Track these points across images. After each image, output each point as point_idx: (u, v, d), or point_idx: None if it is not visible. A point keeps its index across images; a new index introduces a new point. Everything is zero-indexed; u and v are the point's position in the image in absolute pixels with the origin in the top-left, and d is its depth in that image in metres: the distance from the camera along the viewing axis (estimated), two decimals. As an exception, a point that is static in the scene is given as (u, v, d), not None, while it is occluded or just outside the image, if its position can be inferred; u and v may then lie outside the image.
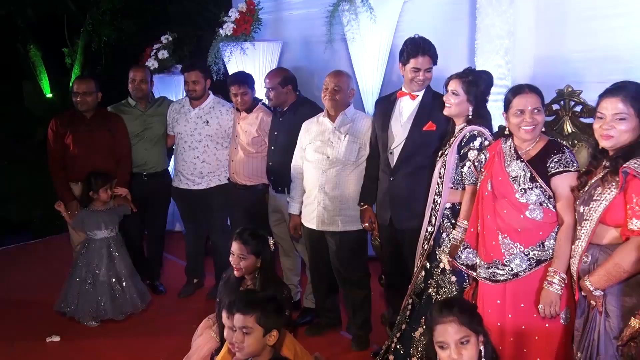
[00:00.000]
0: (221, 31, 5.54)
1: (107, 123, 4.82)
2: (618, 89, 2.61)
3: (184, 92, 5.08)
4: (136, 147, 4.94)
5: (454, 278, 3.31)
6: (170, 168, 5.43)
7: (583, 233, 2.65)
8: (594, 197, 2.62)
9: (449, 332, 2.28)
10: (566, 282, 2.80)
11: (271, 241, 3.42)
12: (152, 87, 5.32)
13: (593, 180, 2.67)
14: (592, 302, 2.63)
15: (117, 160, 4.81)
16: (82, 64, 10.70)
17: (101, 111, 4.87)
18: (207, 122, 4.82)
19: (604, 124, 2.61)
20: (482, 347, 2.29)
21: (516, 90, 2.98)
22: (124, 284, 4.65)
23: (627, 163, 2.52)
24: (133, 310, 4.68)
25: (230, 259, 3.36)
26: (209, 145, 4.82)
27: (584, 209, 2.66)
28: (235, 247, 3.32)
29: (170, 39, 6.25)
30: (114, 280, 4.62)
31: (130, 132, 4.90)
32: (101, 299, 4.57)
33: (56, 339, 4.36)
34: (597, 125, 2.65)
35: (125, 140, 4.86)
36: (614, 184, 2.56)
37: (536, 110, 2.90)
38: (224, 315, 2.69)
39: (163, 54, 6.17)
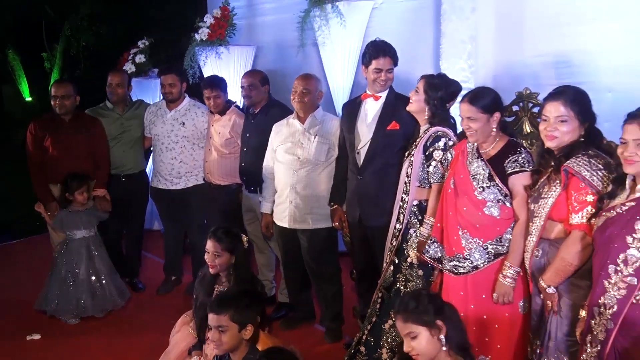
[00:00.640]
0: (197, 36, 5.55)
1: (86, 126, 4.80)
2: (559, 94, 2.70)
3: (161, 95, 5.08)
4: (114, 149, 4.93)
5: (421, 272, 3.37)
6: (148, 169, 5.42)
7: (534, 229, 2.74)
8: (542, 195, 2.72)
9: (399, 327, 2.38)
10: (521, 274, 2.88)
11: (245, 239, 3.43)
12: (130, 90, 5.30)
13: (542, 180, 2.76)
14: (547, 302, 2.70)
15: (95, 162, 4.79)
16: (61, 68, 10.59)
17: (79, 114, 4.85)
18: (183, 123, 4.83)
19: (548, 126, 2.70)
20: (442, 338, 2.32)
21: (461, 100, 3.07)
22: (103, 282, 4.63)
23: (567, 162, 2.62)
24: (112, 307, 4.68)
25: (205, 256, 3.36)
26: (185, 146, 4.83)
27: (534, 207, 2.75)
28: (209, 245, 3.33)
29: (147, 43, 6.23)
30: (93, 278, 4.61)
31: (108, 134, 4.88)
32: (81, 296, 4.54)
33: (37, 336, 4.33)
34: (542, 127, 2.74)
35: (103, 143, 4.85)
36: (558, 182, 2.65)
37: (469, 119, 2.95)
38: (210, 316, 2.71)
39: (140, 58, 6.15)
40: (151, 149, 5.11)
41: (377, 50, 3.64)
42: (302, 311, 4.45)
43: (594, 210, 2.54)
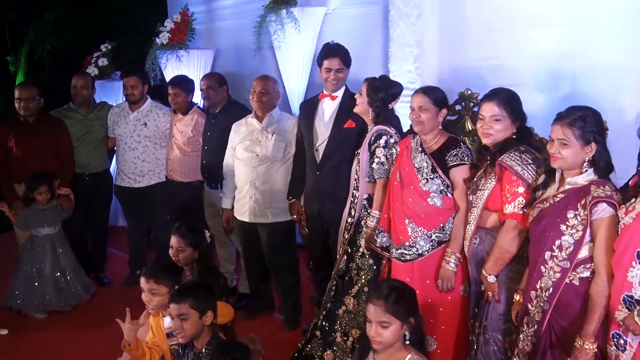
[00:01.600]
0: (158, 40, 5.51)
1: (50, 127, 4.73)
2: (494, 95, 2.80)
3: (124, 97, 5.03)
4: (78, 150, 4.86)
5: (371, 261, 3.41)
6: (112, 168, 5.36)
7: (472, 218, 2.83)
8: (480, 187, 2.81)
9: (373, 312, 2.34)
10: (461, 260, 2.96)
11: (207, 234, 3.43)
12: (94, 92, 5.24)
13: (479, 173, 2.84)
14: (489, 293, 2.78)
15: (60, 161, 4.73)
16: (25, 71, 10.31)
17: (44, 116, 4.78)
18: (145, 124, 4.79)
19: (483, 124, 2.79)
20: (407, 333, 2.35)
21: (414, 92, 3.12)
22: (68, 277, 4.58)
23: (501, 157, 2.72)
24: (77, 302, 4.62)
25: (170, 251, 3.35)
26: (148, 145, 4.80)
27: (472, 198, 2.84)
28: (173, 240, 3.32)
29: (109, 47, 6.15)
30: (58, 274, 4.55)
31: (72, 135, 4.82)
32: (46, 292, 4.48)
33: (3, 332, 4.24)
34: (479, 125, 2.83)
35: (67, 143, 4.78)
36: (493, 175, 2.75)
37: (421, 108, 3.02)
38: (171, 306, 2.71)
39: (103, 62, 6.06)
40: (115, 148, 5.05)
41: (327, 51, 3.71)
42: (262, 301, 4.46)
43: (525, 200, 2.64)
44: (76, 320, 4.44)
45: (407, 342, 2.35)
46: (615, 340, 2.25)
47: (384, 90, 3.37)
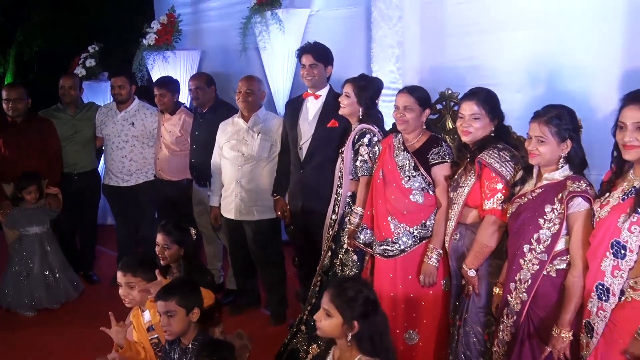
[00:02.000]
0: (144, 41, 5.49)
1: (38, 127, 4.69)
2: (473, 94, 2.81)
3: (111, 98, 5.00)
4: (67, 149, 4.83)
5: (355, 257, 3.40)
6: (100, 167, 5.31)
7: (453, 215, 2.84)
8: (460, 184, 2.82)
9: (324, 296, 2.31)
10: (443, 256, 2.97)
11: (193, 231, 3.39)
12: (82, 93, 5.21)
13: (460, 170, 2.85)
14: (469, 286, 2.80)
15: (48, 161, 4.68)
16: (14, 72, 10.21)
17: (32, 116, 4.74)
18: (133, 124, 4.76)
19: (463, 123, 2.80)
20: (349, 335, 2.24)
21: (399, 91, 3.12)
22: (57, 275, 4.55)
23: (480, 155, 2.73)
24: (66, 299, 4.59)
25: (156, 249, 3.31)
26: (135, 145, 4.77)
27: (453, 194, 2.85)
28: (159, 238, 3.28)
29: (97, 48, 6.12)
30: (47, 272, 4.52)
31: (60, 135, 4.78)
32: (35, 290, 4.45)
33: (-7, 329, 4.20)
34: (458, 124, 2.84)
35: (55, 143, 4.74)
36: (472, 172, 2.76)
37: (406, 108, 3.02)
38: (158, 304, 2.69)
39: (90, 62, 6.03)
40: (103, 148, 5.01)
41: (301, 49, 3.75)
42: (249, 297, 4.44)
43: (503, 196, 2.66)
44: (65, 318, 4.40)
45: (349, 344, 2.26)
46: (586, 328, 2.29)
47: (370, 88, 3.38)
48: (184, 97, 5.19)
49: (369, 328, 2.25)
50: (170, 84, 4.65)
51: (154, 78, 5.30)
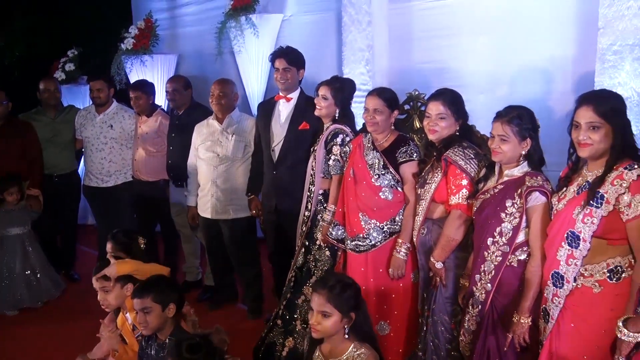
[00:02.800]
0: (123, 45, 5.41)
1: (19, 130, 4.60)
2: (439, 95, 2.82)
3: (90, 101, 4.90)
4: (47, 152, 4.73)
5: (328, 253, 3.39)
6: (81, 169, 5.23)
7: (420, 210, 2.85)
8: (427, 181, 2.83)
9: (316, 301, 2.30)
10: (411, 249, 2.98)
11: (141, 241, 3.25)
12: (61, 96, 5.09)
13: (427, 168, 2.87)
14: (437, 278, 2.81)
15: (29, 163, 4.59)
16: (-5, 77, 9.96)
17: (12, 119, 4.65)
18: (111, 126, 4.68)
19: (430, 122, 2.81)
20: (346, 327, 2.28)
21: (368, 93, 3.12)
22: (38, 275, 4.47)
23: (446, 152, 2.74)
24: (48, 298, 4.51)
25: (107, 256, 3.16)
26: (114, 146, 4.69)
27: (420, 191, 2.86)
28: (108, 246, 3.18)
29: (76, 53, 6.01)
30: (28, 272, 4.44)
31: (41, 137, 4.69)
32: (17, 289, 4.37)
33: (-25, 329, 4.10)
34: (425, 123, 2.85)
35: (36, 146, 4.65)
36: (439, 169, 2.77)
37: (375, 110, 3.01)
38: (134, 301, 2.64)
39: (70, 67, 5.92)
40: (82, 150, 4.94)
41: (274, 53, 3.71)
42: (226, 292, 4.41)
43: (468, 192, 2.67)
44: (47, 316, 4.32)
45: (347, 336, 2.29)
46: (543, 313, 2.33)
47: (345, 89, 3.37)
48: (161, 99, 5.13)
49: (363, 315, 2.32)
50: (144, 87, 4.59)
51: (132, 81, 5.23)
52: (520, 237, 2.44)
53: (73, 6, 8.62)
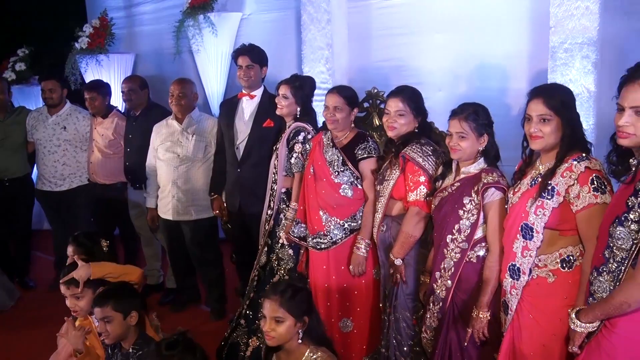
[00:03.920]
0: (77, 45, 5.29)
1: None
2: (398, 92, 2.86)
3: (42, 102, 4.77)
4: (-3, 155, 4.58)
5: (291, 251, 3.39)
6: (35, 173, 5.09)
7: (379, 207, 2.88)
8: (386, 178, 2.87)
9: (268, 307, 2.29)
10: (371, 246, 3.01)
11: (104, 243, 3.19)
12: (10, 97, 4.95)
13: (385, 164, 2.90)
14: (397, 275, 2.83)
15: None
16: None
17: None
18: (65, 127, 4.58)
19: (389, 119, 2.85)
20: (300, 332, 2.28)
21: (328, 91, 3.14)
22: (-9, 284, 4.32)
23: (405, 149, 2.78)
24: (2, 308, 4.37)
25: (68, 261, 3.08)
26: (68, 149, 4.58)
27: (379, 188, 2.89)
28: (69, 249, 3.10)
29: (26, 52, 5.84)
30: (-20, 281, 4.27)
31: (-11, 140, 4.54)
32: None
33: None
34: (384, 119, 2.89)
35: None
36: (397, 166, 2.81)
37: (336, 108, 3.03)
38: (95, 310, 2.59)
39: (20, 66, 5.75)
40: (35, 153, 4.78)
41: (237, 51, 3.72)
42: (189, 294, 4.38)
43: (426, 189, 2.72)
44: (1, 325, 4.17)
45: (300, 341, 2.29)
46: (503, 306, 2.38)
47: (305, 87, 3.38)
48: (118, 100, 5.04)
49: (316, 318, 2.34)
50: (100, 87, 4.50)
51: (87, 81, 5.12)
52: (479, 234, 2.49)
53: (24, 3, 8.38)
